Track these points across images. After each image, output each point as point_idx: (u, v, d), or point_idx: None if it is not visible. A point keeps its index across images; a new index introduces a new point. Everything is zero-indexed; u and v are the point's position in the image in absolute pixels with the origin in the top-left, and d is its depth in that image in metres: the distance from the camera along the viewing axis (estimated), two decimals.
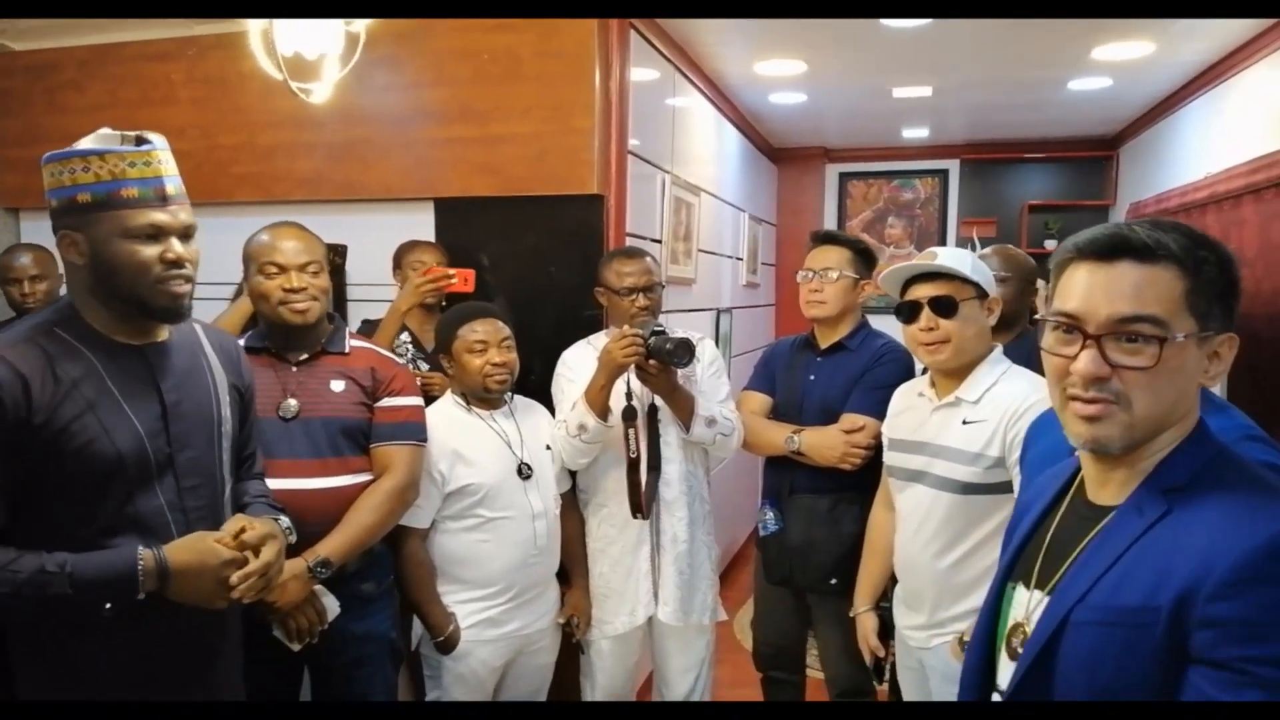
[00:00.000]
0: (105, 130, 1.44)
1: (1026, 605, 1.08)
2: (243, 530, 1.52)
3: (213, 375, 1.61)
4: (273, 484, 1.84)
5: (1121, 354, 0.98)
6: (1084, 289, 1.01)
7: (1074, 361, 1.00)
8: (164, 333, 1.55)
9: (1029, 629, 1.05)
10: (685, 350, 2.15)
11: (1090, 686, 0.96)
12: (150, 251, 1.44)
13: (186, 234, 1.49)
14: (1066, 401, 1.03)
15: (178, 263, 1.46)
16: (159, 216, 1.44)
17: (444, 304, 2.63)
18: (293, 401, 2.00)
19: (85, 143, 1.42)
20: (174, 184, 1.47)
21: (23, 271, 2.88)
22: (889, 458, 2.15)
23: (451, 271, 2.54)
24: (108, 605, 1.38)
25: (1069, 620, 0.99)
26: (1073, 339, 1.01)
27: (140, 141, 1.44)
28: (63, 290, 2.88)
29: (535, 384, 2.58)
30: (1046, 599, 1.04)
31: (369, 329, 2.58)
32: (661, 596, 2.38)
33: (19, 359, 1.38)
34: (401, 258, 2.76)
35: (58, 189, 1.42)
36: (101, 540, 1.41)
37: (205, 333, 1.66)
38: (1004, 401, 1.92)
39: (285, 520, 1.66)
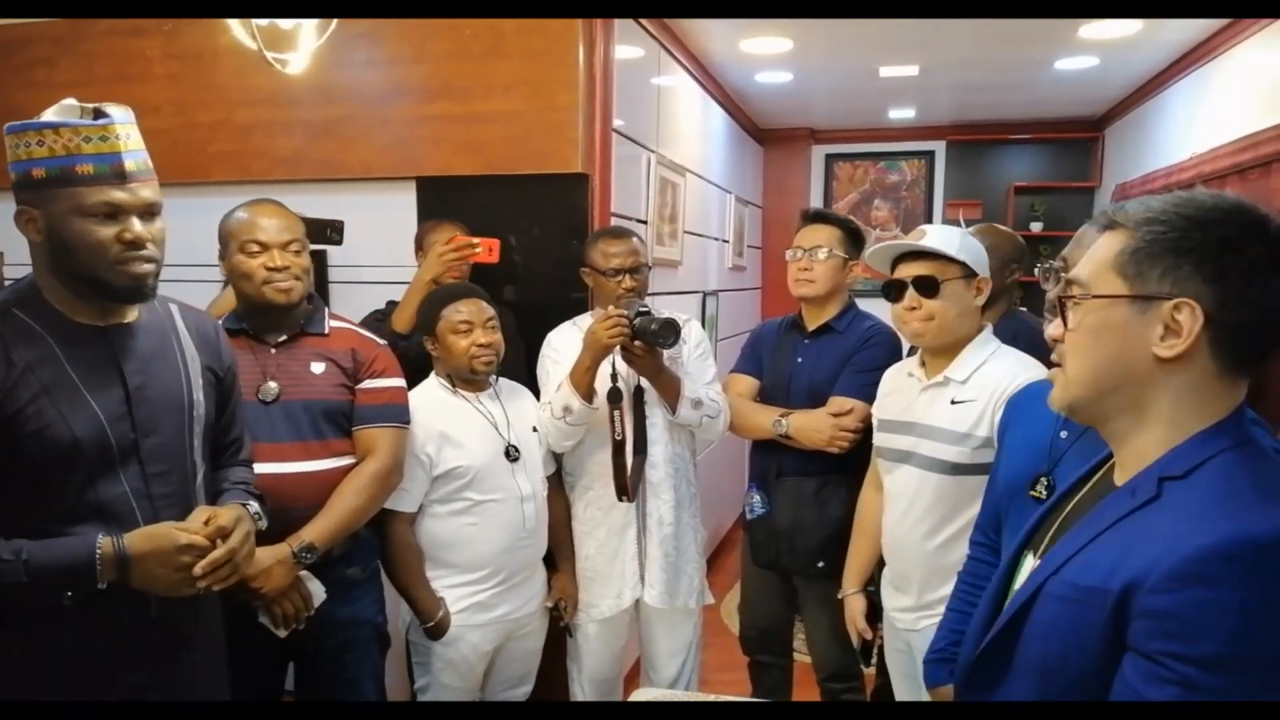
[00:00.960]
0: (69, 101, 1.39)
1: (1028, 574, 1.09)
2: (208, 520, 1.47)
3: (184, 358, 1.56)
4: (255, 468, 1.81)
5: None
6: None
7: None
8: (131, 314, 1.50)
9: None
10: (670, 331, 2.13)
11: (1043, 657, 0.97)
12: (107, 231, 1.39)
13: (149, 212, 1.43)
14: None
15: (136, 243, 1.40)
16: (116, 194, 1.38)
17: None
18: (273, 384, 1.96)
19: (47, 114, 1.37)
20: (134, 160, 1.41)
21: None
22: (878, 438, 2.14)
23: (476, 240, 2.47)
24: (69, 594, 1.35)
25: (1041, 590, 0.99)
26: None
27: (98, 115, 1.38)
28: (8, 270, 2.84)
29: (518, 366, 2.55)
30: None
31: (394, 310, 2.51)
32: (648, 579, 2.37)
33: None
34: (424, 237, 2.69)
35: (16, 162, 1.38)
36: (63, 528, 1.37)
37: (181, 314, 1.62)
38: (993, 381, 1.91)
39: (255, 506, 1.62)
